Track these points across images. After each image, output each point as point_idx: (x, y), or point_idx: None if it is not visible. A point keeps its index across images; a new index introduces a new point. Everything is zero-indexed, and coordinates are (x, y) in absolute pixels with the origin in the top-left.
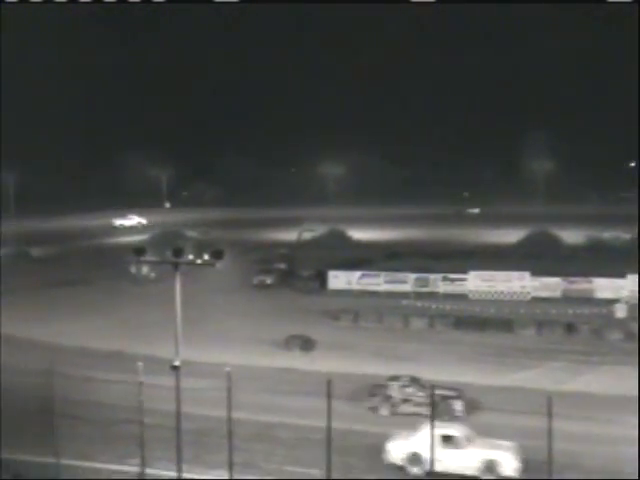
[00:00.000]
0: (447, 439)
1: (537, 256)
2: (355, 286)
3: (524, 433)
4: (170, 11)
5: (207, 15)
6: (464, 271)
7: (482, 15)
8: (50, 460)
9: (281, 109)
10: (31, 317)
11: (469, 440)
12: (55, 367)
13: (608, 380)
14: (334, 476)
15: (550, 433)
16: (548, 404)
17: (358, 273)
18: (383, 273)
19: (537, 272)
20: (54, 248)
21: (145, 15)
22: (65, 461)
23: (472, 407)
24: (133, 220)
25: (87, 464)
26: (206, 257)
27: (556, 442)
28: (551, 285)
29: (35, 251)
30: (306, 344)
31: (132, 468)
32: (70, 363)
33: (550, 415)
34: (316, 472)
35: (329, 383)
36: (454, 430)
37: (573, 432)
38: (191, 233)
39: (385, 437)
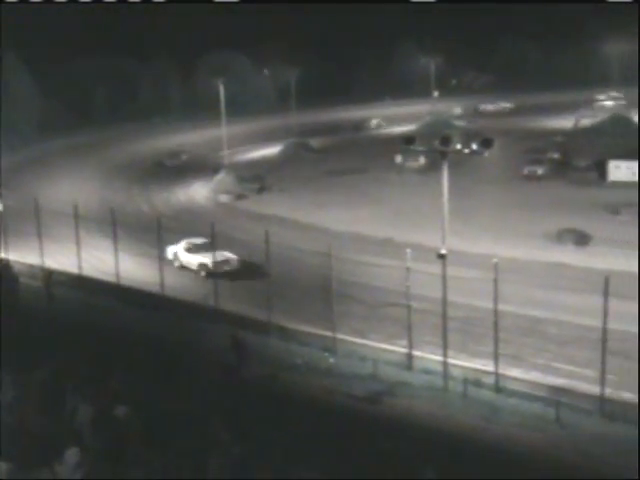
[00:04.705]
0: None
1: None
2: None
3: None
4: None
5: None
6: None
7: None
8: (327, 333)
9: None
10: (312, 204)
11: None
12: (332, 250)
13: None
14: (608, 378)
15: None
16: None
17: None
18: None
19: None
20: (331, 139)
21: None
22: (340, 335)
23: None
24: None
25: (359, 340)
26: (474, 146)
27: None
28: None
29: (315, 142)
30: (581, 239)
31: (400, 349)
32: (345, 247)
33: None
34: (589, 372)
35: (607, 280)
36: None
37: None
38: (459, 122)
39: None
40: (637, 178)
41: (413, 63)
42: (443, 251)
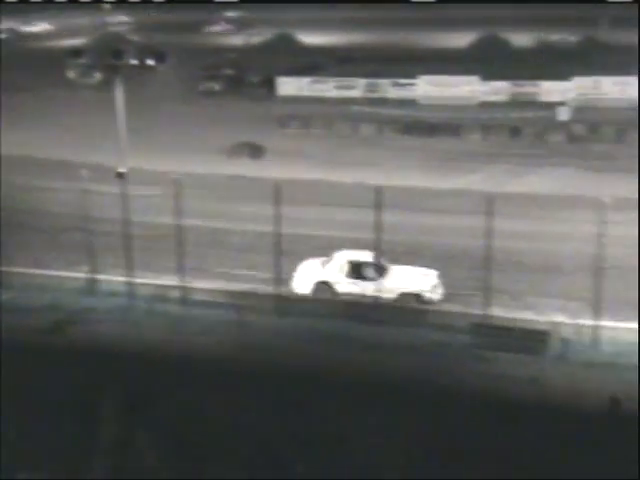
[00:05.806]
0: (356, 267)
1: (486, 60)
2: (305, 92)
3: (468, 232)
4: None
5: None
6: (414, 76)
7: None
8: (2, 268)
9: None
10: None
11: (379, 270)
12: (2, 176)
13: (550, 181)
14: (283, 278)
15: (490, 232)
16: (488, 204)
17: (308, 79)
18: (332, 79)
19: (486, 76)
20: None
21: None
22: (18, 269)
23: (420, 209)
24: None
25: (39, 272)
26: (148, 61)
27: (498, 240)
28: (499, 89)
29: None
30: (255, 151)
31: (82, 275)
32: (15, 172)
33: (491, 214)
34: (266, 275)
35: (277, 189)
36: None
37: (515, 231)
38: (133, 36)
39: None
40: (303, 93)
41: None
42: (122, 169)
